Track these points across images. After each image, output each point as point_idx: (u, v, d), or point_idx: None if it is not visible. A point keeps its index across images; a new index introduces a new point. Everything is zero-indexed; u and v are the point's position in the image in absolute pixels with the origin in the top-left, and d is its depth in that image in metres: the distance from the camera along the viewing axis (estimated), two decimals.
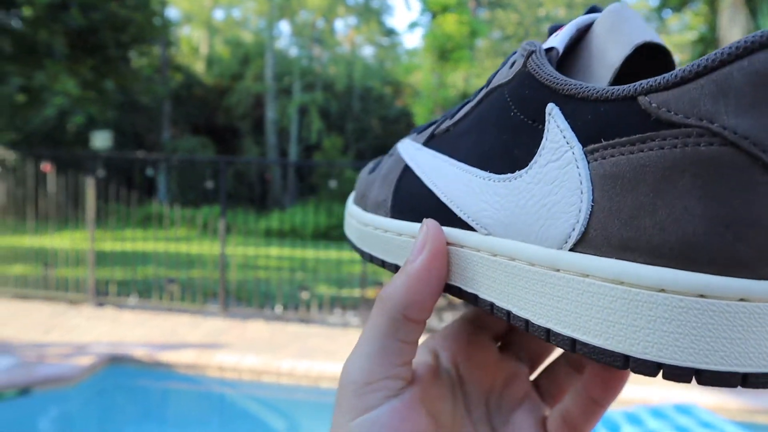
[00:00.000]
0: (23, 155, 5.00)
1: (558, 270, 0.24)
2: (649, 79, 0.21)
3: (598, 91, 0.23)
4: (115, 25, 8.06)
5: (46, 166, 4.82)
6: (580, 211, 0.23)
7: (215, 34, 18.32)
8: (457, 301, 3.91)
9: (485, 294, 0.27)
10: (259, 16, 17.76)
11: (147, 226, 6.95)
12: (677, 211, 0.20)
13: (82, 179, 4.53)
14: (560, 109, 0.24)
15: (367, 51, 20.02)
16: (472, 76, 15.54)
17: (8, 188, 4.81)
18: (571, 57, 0.29)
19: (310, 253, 6.20)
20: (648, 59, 0.28)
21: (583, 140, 0.23)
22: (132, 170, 8.64)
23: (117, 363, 3.20)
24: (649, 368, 0.20)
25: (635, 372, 0.21)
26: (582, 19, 0.29)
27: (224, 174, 4.59)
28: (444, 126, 0.33)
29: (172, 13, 16.77)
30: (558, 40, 0.28)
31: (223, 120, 15.97)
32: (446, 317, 3.92)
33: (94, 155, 5.14)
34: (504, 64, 0.30)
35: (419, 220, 0.32)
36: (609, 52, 0.27)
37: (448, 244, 0.29)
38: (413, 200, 0.33)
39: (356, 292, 4.68)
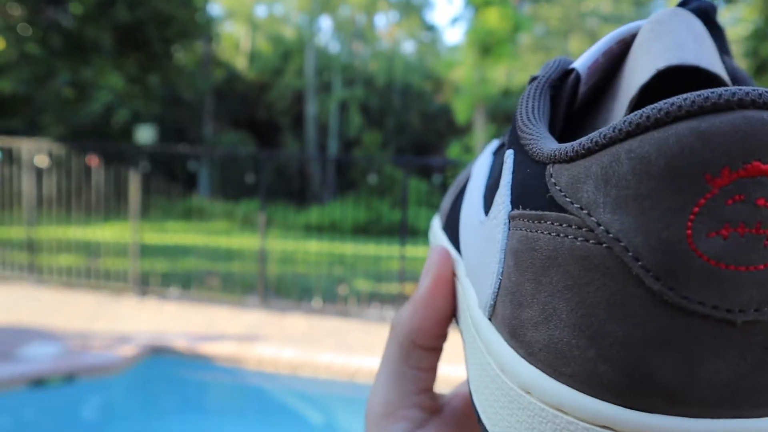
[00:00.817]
0: (70, 149, 5.12)
1: (479, 336, 0.21)
2: (560, 146, 0.17)
3: (530, 149, 0.19)
4: (160, 21, 8.21)
5: (94, 159, 4.93)
6: (492, 282, 0.20)
7: (257, 30, 18.51)
8: None
9: (463, 333, 0.25)
10: (300, 11, 17.87)
11: (188, 219, 7.06)
12: (548, 311, 0.17)
13: (126, 173, 4.61)
14: (513, 159, 0.21)
15: (408, 46, 19.98)
16: (514, 72, 15.39)
17: (56, 181, 4.93)
18: (615, 78, 0.24)
19: (349, 248, 6.21)
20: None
21: (513, 202, 0.20)
22: (174, 164, 8.76)
23: (158, 353, 3.26)
24: None
25: None
26: (627, 29, 0.24)
27: (264, 168, 4.63)
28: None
29: (215, 9, 16.99)
30: (582, 60, 0.24)
31: (263, 115, 16.12)
32: None
33: (138, 149, 5.23)
34: None
35: (451, 238, 0.30)
36: (635, 76, 0.22)
37: (455, 274, 0.27)
38: (455, 215, 0.31)
39: (394, 288, 4.67)
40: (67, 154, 5.02)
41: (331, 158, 14.75)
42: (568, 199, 0.16)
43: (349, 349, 3.32)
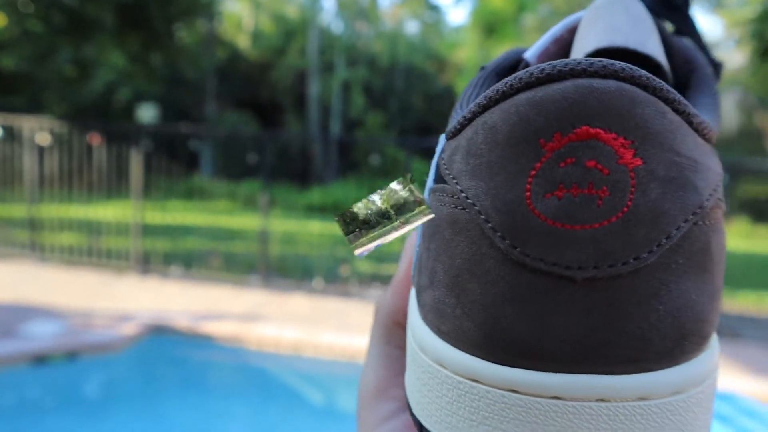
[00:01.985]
0: (72, 127, 5.09)
1: (410, 304, 0.23)
2: (452, 124, 0.19)
3: (447, 129, 0.20)
4: None
5: (96, 138, 4.90)
6: (415, 252, 0.22)
7: (260, 8, 18.36)
8: None
9: None
10: None
11: (190, 198, 7.06)
12: (432, 274, 0.18)
13: (127, 152, 4.59)
14: (444, 140, 0.21)
15: (411, 27, 19.82)
16: None
17: (58, 159, 4.91)
18: None
19: None
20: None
21: (436, 178, 0.21)
22: (176, 144, 8.72)
23: (160, 332, 3.26)
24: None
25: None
26: (576, 17, 0.24)
27: (267, 149, 4.61)
28: None
29: None
30: (533, 49, 0.25)
31: (266, 95, 16.04)
32: None
33: (140, 128, 5.21)
34: None
35: None
36: None
37: None
38: None
39: (396, 269, 4.67)
40: (69, 132, 4.99)
41: (334, 139, 14.69)
42: (447, 171, 0.18)
43: (350, 330, 3.33)
